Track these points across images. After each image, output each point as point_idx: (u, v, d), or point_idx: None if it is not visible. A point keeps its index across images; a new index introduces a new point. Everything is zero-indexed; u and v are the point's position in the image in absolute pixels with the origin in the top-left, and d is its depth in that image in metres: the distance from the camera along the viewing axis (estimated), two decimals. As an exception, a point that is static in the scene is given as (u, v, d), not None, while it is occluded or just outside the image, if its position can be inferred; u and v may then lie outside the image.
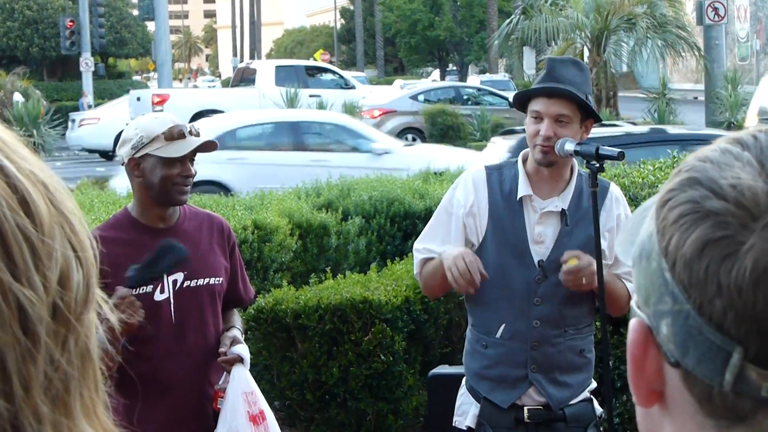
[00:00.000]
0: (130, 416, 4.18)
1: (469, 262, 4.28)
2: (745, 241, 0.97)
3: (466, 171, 4.73)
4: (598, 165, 4.34)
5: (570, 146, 4.29)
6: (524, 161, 4.49)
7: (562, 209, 4.43)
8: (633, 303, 1.10)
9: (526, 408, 4.44)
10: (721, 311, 0.97)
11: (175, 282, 4.31)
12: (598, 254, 4.33)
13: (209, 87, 54.85)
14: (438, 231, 4.57)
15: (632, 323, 1.08)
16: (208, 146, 4.35)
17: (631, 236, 1.13)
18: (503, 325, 4.43)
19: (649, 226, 1.07)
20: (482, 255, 4.45)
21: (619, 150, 4.40)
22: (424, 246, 4.60)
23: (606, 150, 4.35)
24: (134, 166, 4.28)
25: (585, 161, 4.39)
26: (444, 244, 4.51)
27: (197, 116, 28.69)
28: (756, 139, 1.05)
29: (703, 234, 0.99)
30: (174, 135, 4.26)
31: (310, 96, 28.66)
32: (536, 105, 4.37)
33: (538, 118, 4.35)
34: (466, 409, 4.58)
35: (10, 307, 0.87)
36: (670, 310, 1.02)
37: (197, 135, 4.36)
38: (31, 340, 0.88)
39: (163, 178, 4.24)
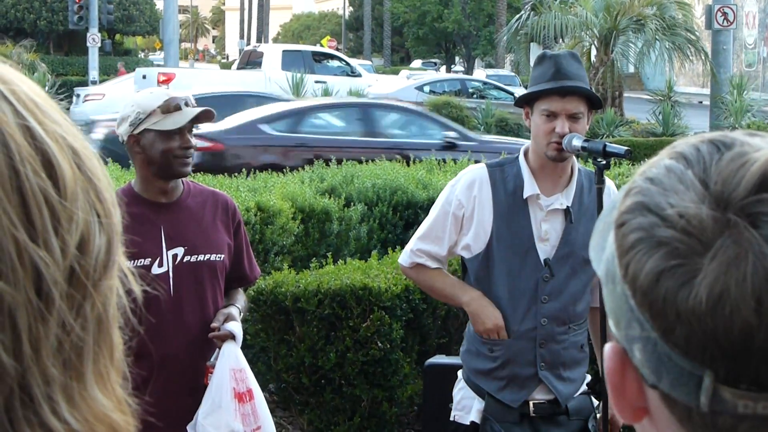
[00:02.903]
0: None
1: (501, 336, 4.44)
2: (697, 268, 0.97)
3: (466, 169, 4.71)
4: (604, 162, 4.35)
5: (578, 142, 4.29)
6: (526, 158, 4.49)
7: (567, 207, 4.44)
8: (610, 322, 1.10)
9: (531, 402, 4.46)
10: (685, 338, 0.97)
11: (175, 256, 4.32)
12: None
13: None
14: (436, 232, 4.57)
15: (607, 349, 1.08)
16: (205, 116, 4.36)
17: (602, 240, 1.11)
18: (512, 324, 4.45)
19: (611, 244, 1.07)
20: (489, 255, 4.45)
21: (627, 148, 4.41)
22: (419, 248, 4.61)
23: (613, 147, 4.35)
24: (134, 142, 4.30)
25: (592, 158, 4.40)
26: (441, 246, 4.54)
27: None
28: (699, 153, 1.04)
29: (657, 264, 0.99)
30: (170, 108, 4.28)
31: (316, 82, 28.62)
32: (549, 104, 4.35)
33: (552, 115, 4.34)
34: (467, 404, 4.57)
35: (24, 267, 0.86)
36: (639, 336, 1.02)
37: (194, 106, 4.37)
38: (44, 301, 0.88)
39: (164, 152, 4.26)
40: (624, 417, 1.09)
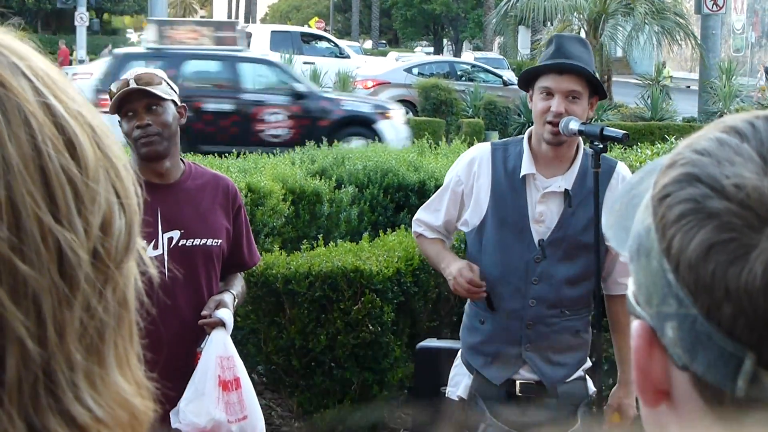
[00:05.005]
0: None
1: (469, 279, 4.38)
2: (752, 243, 0.92)
3: (472, 147, 4.75)
4: (601, 146, 4.33)
5: (574, 125, 4.27)
6: (529, 139, 4.49)
7: (566, 189, 4.42)
8: (631, 297, 1.06)
9: (518, 382, 4.46)
10: (731, 317, 0.93)
11: (170, 239, 4.27)
12: (597, 236, 4.33)
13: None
14: (435, 205, 4.66)
15: (635, 327, 1.04)
16: (141, 93, 4.22)
17: (622, 219, 1.09)
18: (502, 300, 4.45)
19: (645, 218, 1.02)
20: (483, 232, 4.47)
21: (624, 132, 4.39)
22: (419, 218, 4.74)
23: (610, 131, 4.33)
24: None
25: (589, 142, 4.37)
26: (437, 217, 4.58)
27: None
28: (754, 128, 1.00)
29: (707, 236, 0.94)
30: (117, 90, 4.23)
31: (304, 63, 28.55)
32: (547, 81, 4.34)
33: (549, 94, 4.33)
34: (459, 380, 4.60)
35: (49, 249, 0.84)
36: (675, 313, 0.98)
37: (155, 84, 4.25)
38: (69, 285, 0.85)
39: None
40: (644, 399, 1.06)
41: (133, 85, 4.21)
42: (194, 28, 20.52)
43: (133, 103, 4.21)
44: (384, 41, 72.17)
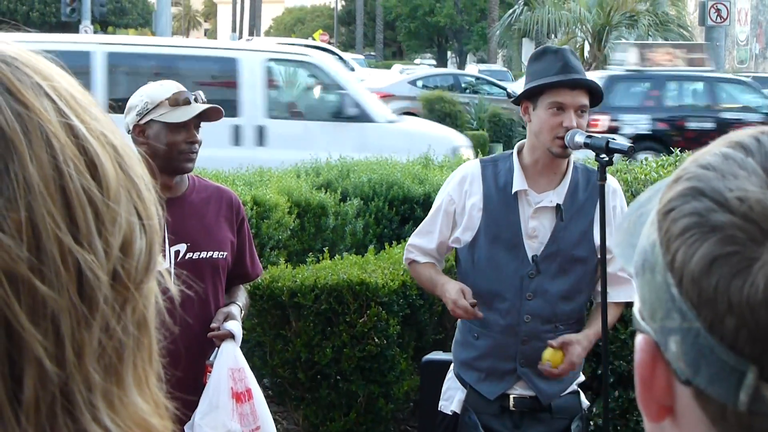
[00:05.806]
0: None
1: (463, 308, 4.33)
2: (755, 257, 0.92)
3: (461, 165, 4.74)
4: (607, 159, 4.33)
5: (580, 138, 4.27)
6: (519, 154, 4.48)
7: (557, 204, 4.42)
8: (636, 313, 1.06)
9: (511, 396, 4.46)
10: (733, 330, 0.93)
11: (177, 253, 4.28)
12: (602, 249, 4.33)
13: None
14: (428, 227, 4.64)
15: (639, 342, 1.04)
16: (213, 113, 4.32)
17: (629, 237, 1.09)
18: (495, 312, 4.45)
19: (650, 233, 1.03)
20: (475, 248, 4.46)
21: (630, 144, 4.39)
22: (411, 243, 4.70)
23: (616, 144, 4.33)
24: (139, 132, 4.27)
25: (595, 154, 4.37)
26: (431, 239, 4.57)
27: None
28: (759, 143, 1.00)
29: (710, 250, 0.95)
30: (179, 101, 4.25)
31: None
32: (559, 96, 4.32)
33: (559, 109, 4.32)
34: (452, 395, 4.60)
35: (69, 270, 0.85)
36: (678, 328, 0.98)
37: (204, 102, 4.34)
38: (88, 305, 0.86)
39: (169, 145, 4.22)
40: (647, 413, 1.06)
41: (198, 102, 4.30)
42: (669, 51, 22.37)
43: (191, 118, 4.27)
44: (372, 53, 72.07)
